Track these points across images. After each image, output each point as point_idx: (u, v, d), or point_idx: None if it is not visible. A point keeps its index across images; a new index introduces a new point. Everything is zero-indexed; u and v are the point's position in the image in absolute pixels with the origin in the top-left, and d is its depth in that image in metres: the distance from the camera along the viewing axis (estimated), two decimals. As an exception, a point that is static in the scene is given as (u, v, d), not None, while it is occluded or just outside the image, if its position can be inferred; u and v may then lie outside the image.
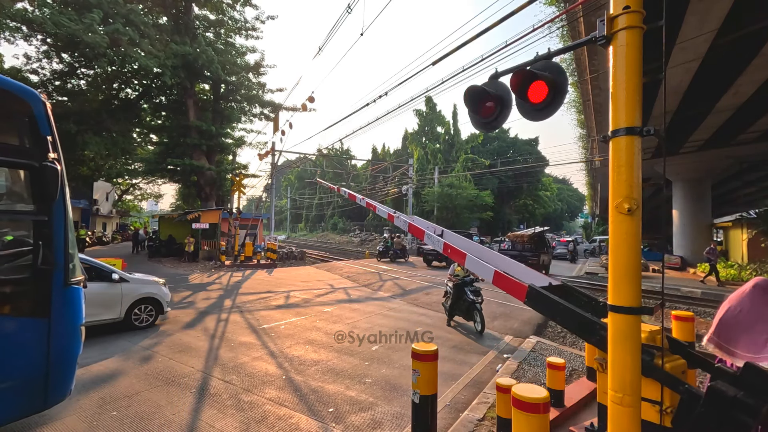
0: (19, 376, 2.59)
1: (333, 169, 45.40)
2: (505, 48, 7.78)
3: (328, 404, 3.73)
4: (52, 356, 2.71)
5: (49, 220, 2.72)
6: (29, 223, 2.77)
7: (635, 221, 1.78)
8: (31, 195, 2.75)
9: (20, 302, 2.69)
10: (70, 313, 2.87)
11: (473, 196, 30.92)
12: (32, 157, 2.68)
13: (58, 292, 2.75)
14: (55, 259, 2.72)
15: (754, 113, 13.67)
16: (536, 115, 2.34)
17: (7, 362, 2.52)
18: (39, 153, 2.71)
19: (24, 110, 2.73)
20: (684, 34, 9.14)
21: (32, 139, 2.75)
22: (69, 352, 2.88)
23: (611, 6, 1.90)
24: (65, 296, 2.80)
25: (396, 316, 7.67)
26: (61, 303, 2.77)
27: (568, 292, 3.11)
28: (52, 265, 2.70)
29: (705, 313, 9.42)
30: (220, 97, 22.06)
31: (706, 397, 1.84)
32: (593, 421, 3.04)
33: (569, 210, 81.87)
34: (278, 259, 18.47)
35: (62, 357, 2.80)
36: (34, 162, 2.67)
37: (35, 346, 2.65)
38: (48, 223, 2.71)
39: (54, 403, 2.83)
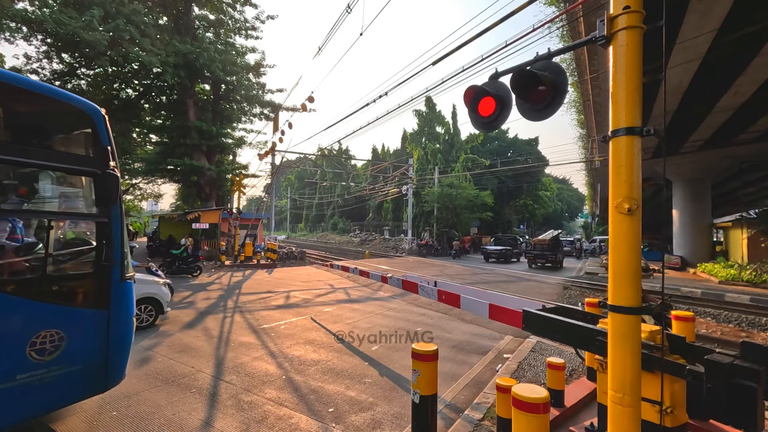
0: (85, 361, 2.91)
1: (333, 169, 45.37)
2: (505, 48, 7.78)
3: (328, 404, 3.73)
4: (111, 343, 3.04)
5: (109, 221, 3.05)
6: (88, 223, 3.13)
7: (635, 221, 1.78)
8: (94, 199, 3.09)
9: (85, 295, 3.02)
10: (126, 304, 3.21)
11: (473, 196, 30.86)
12: (95, 165, 3.01)
13: (116, 286, 3.08)
14: (114, 257, 3.05)
15: (754, 113, 13.68)
16: (536, 115, 2.34)
17: (76, 348, 2.84)
18: (101, 161, 3.02)
19: (87, 123, 3.03)
20: (684, 34, 9.15)
21: (95, 149, 3.05)
22: (125, 339, 3.23)
23: (611, 6, 1.90)
24: (121, 290, 3.14)
25: (396, 316, 7.67)
26: (119, 296, 3.10)
27: (563, 311, 3.14)
28: (111, 261, 3.03)
29: (705, 313, 9.41)
30: (220, 97, 22.05)
31: (706, 371, 1.86)
32: (593, 421, 3.04)
33: (569, 210, 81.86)
34: (278, 259, 18.47)
35: (119, 344, 3.15)
36: (97, 170, 3.00)
37: (98, 334, 2.98)
38: (108, 225, 3.04)
39: (113, 386, 3.15)
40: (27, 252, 3.18)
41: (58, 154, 3.03)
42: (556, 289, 12.67)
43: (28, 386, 2.59)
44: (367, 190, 40.96)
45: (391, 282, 5.34)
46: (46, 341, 2.68)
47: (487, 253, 24.02)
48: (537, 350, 5.54)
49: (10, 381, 2.50)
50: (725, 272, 15.29)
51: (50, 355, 2.70)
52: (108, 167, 3.04)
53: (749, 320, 8.71)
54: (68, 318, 2.84)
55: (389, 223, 44.76)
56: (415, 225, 33.19)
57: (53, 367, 2.71)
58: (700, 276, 16.94)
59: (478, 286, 12.15)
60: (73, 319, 2.86)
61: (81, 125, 3.08)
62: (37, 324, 2.66)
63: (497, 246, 24.34)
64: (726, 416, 1.82)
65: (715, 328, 8.33)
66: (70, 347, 2.80)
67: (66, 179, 3.26)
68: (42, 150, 2.95)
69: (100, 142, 3.05)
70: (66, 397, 2.89)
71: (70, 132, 3.18)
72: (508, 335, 6.43)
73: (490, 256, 23.77)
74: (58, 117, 3.08)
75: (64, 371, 2.77)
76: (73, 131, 3.15)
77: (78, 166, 3.03)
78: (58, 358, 2.73)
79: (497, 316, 3.15)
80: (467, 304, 3.61)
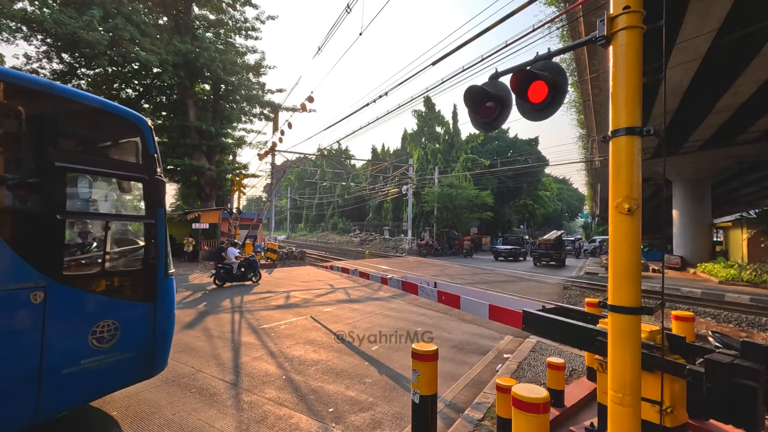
0: (136, 349, 3.21)
1: (333, 169, 45.36)
2: (505, 48, 7.78)
3: (328, 404, 3.73)
4: (157, 333, 3.34)
5: (155, 223, 3.36)
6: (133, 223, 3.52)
7: (635, 221, 1.78)
8: (143, 202, 3.40)
9: (136, 289, 3.31)
10: (168, 298, 3.49)
11: (473, 196, 30.85)
12: (144, 172, 3.33)
13: (161, 282, 3.39)
14: (159, 255, 3.36)
15: (754, 113, 13.67)
16: (536, 115, 2.34)
17: (129, 337, 3.14)
18: (149, 168, 3.34)
19: (136, 133, 3.32)
20: (684, 34, 9.15)
21: (143, 157, 3.36)
22: (168, 330, 3.51)
23: (611, 6, 1.90)
24: (165, 285, 3.44)
25: (396, 316, 7.67)
26: (163, 290, 3.41)
27: (563, 311, 3.14)
28: (157, 259, 3.34)
29: (705, 313, 9.41)
30: (220, 97, 22.05)
31: (706, 370, 1.86)
32: (593, 421, 3.04)
33: (569, 210, 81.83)
34: (278, 259, 18.47)
35: (164, 334, 3.43)
36: (146, 176, 3.32)
37: (146, 324, 3.28)
38: (154, 225, 3.35)
39: (158, 372, 3.46)
40: (90, 250, 3.56)
41: (114, 162, 3.40)
42: (556, 289, 12.67)
43: (90, 370, 2.89)
44: (367, 190, 40.96)
45: (391, 283, 5.34)
46: (105, 330, 2.98)
47: (497, 252, 25.42)
48: (537, 350, 5.54)
49: (76, 365, 2.81)
50: (725, 272, 15.29)
51: (108, 342, 3.00)
52: (155, 173, 3.38)
53: (749, 320, 8.71)
54: (122, 310, 3.15)
55: (389, 223, 44.76)
56: (415, 225, 33.19)
57: (110, 354, 3.01)
58: (700, 276, 16.93)
59: (478, 286, 12.16)
60: (125, 311, 3.18)
61: (131, 135, 3.38)
62: (97, 315, 2.98)
63: (506, 246, 25.58)
64: (726, 416, 1.82)
65: (715, 328, 8.33)
66: (123, 336, 3.09)
67: (119, 185, 3.58)
68: (100, 158, 3.36)
69: (148, 150, 3.36)
70: (120, 381, 3.17)
71: (122, 142, 3.50)
72: (508, 335, 6.43)
73: (499, 254, 25.11)
74: (111, 128, 3.41)
75: (119, 358, 3.08)
76: (125, 141, 3.48)
77: (130, 172, 3.37)
78: (114, 346, 3.03)
79: (497, 317, 3.15)
80: (467, 305, 3.61)
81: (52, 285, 2.71)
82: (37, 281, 2.64)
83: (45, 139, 2.77)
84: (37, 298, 2.63)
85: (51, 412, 2.71)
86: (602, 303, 3.33)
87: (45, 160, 2.72)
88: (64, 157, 2.85)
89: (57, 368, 2.71)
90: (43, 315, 2.66)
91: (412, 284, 4.75)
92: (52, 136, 2.82)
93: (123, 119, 3.29)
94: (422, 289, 4.50)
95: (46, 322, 2.66)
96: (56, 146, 2.83)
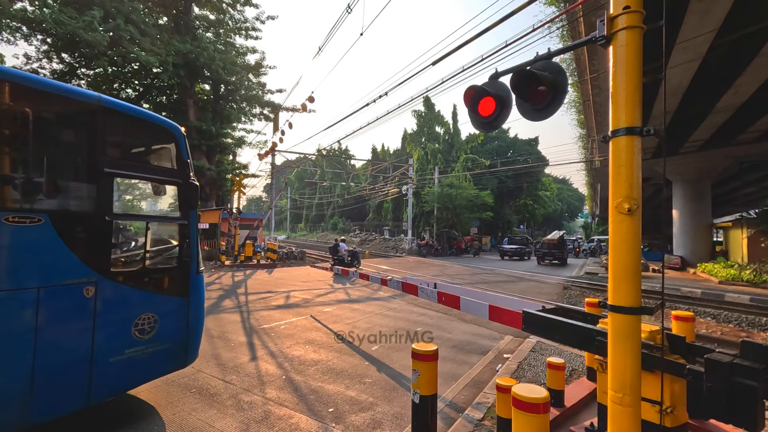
0: (172, 340, 3.46)
1: (333, 169, 45.35)
2: (505, 48, 7.79)
3: (328, 404, 3.73)
4: (190, 326, 3.59)
5: (188, 223, 3.59)
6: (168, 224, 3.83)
7: (635, 221, 1.78)
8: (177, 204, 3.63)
9: (172, 285, 3.54)
10: (200, 293, 3.74)
11: (473, 196, 30.84)
12: (179, 176, 3.57)
13: (194, 278, 3.64)
14: (192, 253, 3.60)
15: (754, 113, 13.67)
16: (536, 115, 2.33)
17: (166, 329, 3.39)
18: (183, 173, 3.59)
19: (171, 139, 3.58)
20: (684, 34, 9.15)
21: (178, 162, 3.60)
22: (199, 323, 3.76)
23: (611, 6, 1.90)
24: (197, 281, 3.69)
25: (396, 316, 7.67)
26: (195, 286, 3.65)
27: (563, 311, 3.14)
28: (190, 257, 3.59)
29: (705, 313, 9.41)
30: (220, 97, 22.04)
31: (706, 370, 1.86)
32: (593, 421, 3.04)
33: (569, 210, 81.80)
34: (278, 259, 18.46)
35: (196, 327, 3.68)
36: (180, 180, 3.57)
37: (181, 318, 3.53)
38: (187, 226, 3.58)
39: (191, 362, 3.70)
40: (131, 249, 3.89)
41: (153, 168, 3.70)
42: (556, 289, 12.67)
43: (133, 359, 3.15)
44: (367, 190, 40.95)
45: (391, 284, 5.33)
46: (145, 323, 3.23)
47: (503, 252, 26.53)
48: (537, 350, 5.54)
49: (121, 354, 3.07)
50: (725, 272, 15.29)
51: (148, 334, 3.25)
52: (189, 178, 3.61)
53: (749, 320, 8.71)
54: (160, 304, 3.40)
55: (389, 223, 44.73)
56: (415, 225, 33.18)
57: (150, 345, 3.26)
58: (700, 276, 16.94)
59: (478, 286, 12.16)
60: (163, 305, 3.42)
61: (166, 142, 3.65)
62: (139, 308, 3.22)
63: (512, 245, 26.65)
64: (726, 415, 1.82)
65: (715, 328, 8.33)
66: (161, 328, 3.35)
67: (154, 188, 3.83)
68: (141, 164, 3.67)
69: (182, 156, 3.60)
70: (158, 370, 3.44)
71: (159, 148, 3.76)
72: (508, 335, 6.43)
73: (505, 253, 26.19)
74: (149, 136, 3.67)
75: (157, 348, 3.33)
76: (161, 147, 3.74)
77: (167, 177, 3.63)
78: (153, 337, 3.28)
79: (497, 317, 3.15)
80: (467, 306, 3.61)
81: (101, 280, 2.98)
82: (89, 277, 2.91)
83: (95, 147, 3.05)
84: (89, 292, 2.91)
85: (100, 397, 2.98)
86: (602, 303, 3.33)
87: (96, 167, 3.00)
88: (112, 163, 3.12)
89: (105, 356, 2.98)
90: (94, 308, 2.94)
91: (411, 285, 4.75)
92: (101, 145, 3.08)
93: (160, 127, 3.56)
94: (422, 290, 4.50)
95: (96, 314, 2.94)
96: (104, 153, 3.10)
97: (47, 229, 2.71)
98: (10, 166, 2.90)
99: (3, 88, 2.68)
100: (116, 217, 3.29)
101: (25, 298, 2.60)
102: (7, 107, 2.74)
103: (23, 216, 2.63)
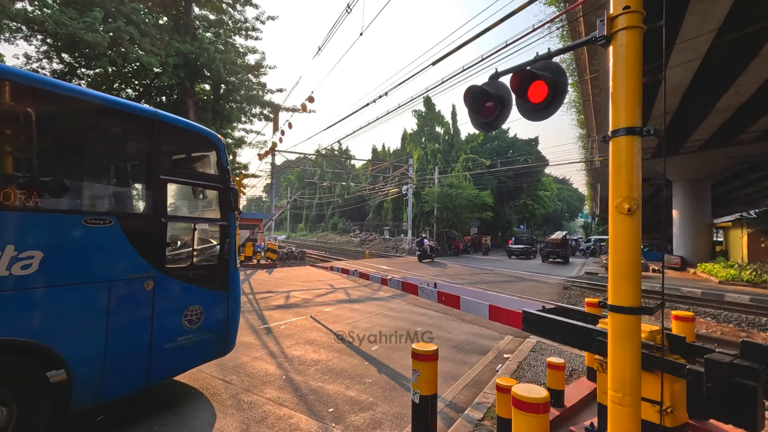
0: (215, 330, 3.79)
1: (333, 169, 45.34)
2: (505, 48, 7.79)
3: (328, 404, 3.73)
4: (229, 318, 3.93)
5: (228, 224, 3.96)
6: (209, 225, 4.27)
7: (635, 221, 1.78)
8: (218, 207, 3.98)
9: (214, 280, 3.86)
10: (237, 288, 4.08)
11: (473, 196, 30.82)
12: (220, 182, 3.95)
13: (232, 274, 3.98)
14: (230, 251, 3.92)
15: (754, 113, 13.68)
16: (536, 115, 2.34)
17: (210, 320, 3.72)
18: (223, 179, 3.97)
19: (212, 148, 3.95)
20: (684, 34, 9.15)
21: (218, 169, 3.98)
22: (237, 316, 4.09)
23: (611, 6, 1.90)
24: (235, 277, 4.03)
25: (396, 316, 7.67)
26: (233, 281, 4.00)
27: (563, 311, 3.14)
28: (229, 255, 3.92)
29: (705, 313, 9.42)
30: (220, 97, 22.03)
31: (706, 370, 1.86)
32: (593, 421, 3.04)
33: (569, 210, 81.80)
34: (278, 259, 18.46)
35: (234, 319, 4.02)
36: (221, 185, 3.95)
37: (222, 310, 3.87)
38: (227, 227, 3.94)
39: (229, 351, 4.06)
40: (181, 247, 4.27)
41: (199, 174, 4.07)
42: (556, 289, 12.68)
43: (183, 347, 3.48)
44: (367, 190, 40.94)
45: (391, 284, 5.34)
46: (193, 314, 3.57)
47: (511, 251, 27.95)
48: (537, 350, 5.54)
49: (174, 342, 3.41)
50: (725, 272, 15.29)
51: (195, 324, 3.58)
52: (228, 182, 3.98)
53: (749, 320, 8.71)
54: (205, 297, 3.73)
55: (389, 223, 44.73)
56: (415, 225, 33.18)
57: (197, 334, 3.59)
58: (700, 276, 16.94)
59: (478, 286, 12.16)
60: (208, 298, 3.75)
61: (208, 150, 4.00)
62: (188, 300, 3.55)
63: (518, 245, 28.18)
64: (726, 415, 1.82)
65: (715, 328, 8.33)
66: (206, 319, 3.68)
67: (195, 192, 4.19)
68: (188, 171, 4.04)
69: (222, 163, 3.97)
70: (203, 357, 3.78)
71: (202, 156, 4.12)
72: (508, 335, 6.43)
73: (512, 253, 27.61)
74: (194, 145, 4.03)
75: (203, 337, 3.66)
76: (204, 155, 4.10)
77: (210, 182, 3.98)
78: (200, 327, 3.61)
79: (497, 317, 3.16)
80: (467, 306, 3.62)
81: (158, 275, 3.31)
82: (149, 272, 3.25)
83: (152, 157, 3.43)
84: (149, 285, 3.25)
85: (156, 379, 3.33)
86: (602, 303, 3.33)
87: (153, 174, 3.37)
88: (166, 171, 3.50)
89: (161, 343, 3.31)
90: (152, 299, 3.26)
91: (412, 285, 4.76)
92: (157, 154, 3.45)
93: (203, 137, 3.92)
94: (422, 290, 4.51)
95: (154, 306, 3.27)
96: (160, 162, 3.46)
97: (116, 229, 3.05)
98: (88, 174, 3.46)
99: (89, 110, 3.09)
100: (170, 219, 3.60)
101: (99, 290, 2.95)
102: (89, 125, 3.22)
103: (98, 218, 2.99)
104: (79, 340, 2.82)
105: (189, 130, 3.83)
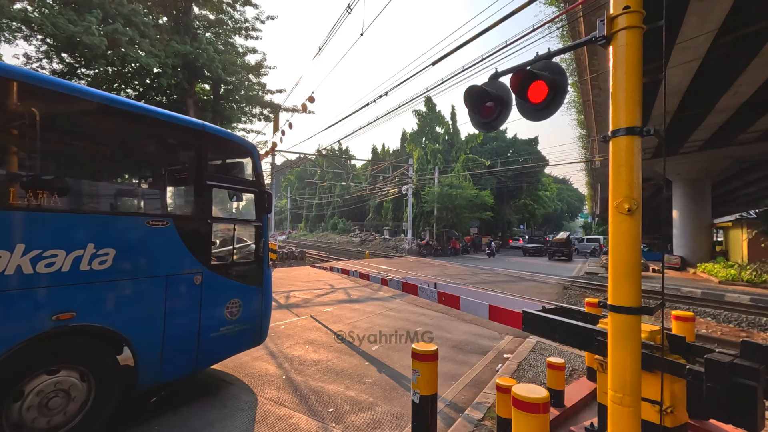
0: (251, 322, 4.15)
1: (333, 169, 45.33)
2: (505, 48, 7.79)
3: (328, 404, 3.73)
4: (263, 311, 4.29)
5: (262, 225, 4.31)
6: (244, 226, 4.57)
7: (635, 221, 1.78)
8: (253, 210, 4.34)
9: (251, 276, 4.20)
10: (269, 284, 4.44)
11: (473, 196, 30.83)
12: (255, 186, 4.31)
13: (266, 271, 4.34)
14: (264, 250, 4.31)
15: (754, 113, 13.67)
16: (536, 115, 2.34)
17: (247, 313, 4.08)
18: (258, 183, 4.33)
19: (247, 155, 4.33)
20: (684, 34, 9.15)
21: (253, 174, 4.35)
22: (269, 309, 4.46)
23: (611, 6, 1.90)
24: (268, 273, 4.39)
25: (396, 316, 7.67)
26: (267, 278, 4.36)
27: (563, 311, 3.14)
28: (263, 254, 4.29)
29: (705, 313, 9.42)
30: (220, 98, 22.02)
31: (706, 370, 1.86)
32: (593, 421, 3.04)
33: (569, 210, 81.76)
34: (278, 259, 18.47)
35: (267, 312, 4.38)
36: (256, 189, 4.30)
37: (257, 304, 4.21)
38: (261, 228, 4.30)
39: (262, 341, 4.39)
40: (222, 245, 4.57)
41: (238, 179, 4.41)
42: (556, 289, 12.68)
43: (224, 336, 3.84)
44: (367, 190, 40.93)
45: (391, 284, 5.35)
46: (234, 306, 3.92)
47: (525, 250, 31.75)
48: (537, 350, 5.54)
49: (217, 331, 3.77)
50: (725, 272, 15.29)
51: (235, 316, 3.93)
52: (263, 186, 4.35)
53: (749, 320, 8.72)
54: (243, 291, 4.07)
55: (389, 223, 44.69)
56: (415, 225, 33.18)
57: (236, 325, 3.95)
58: (700, 276, 16.94)
59: (479, 286, 12.16)
60: (245, 292, 4.09)
61: (244, 157, 4.38)
62: (229, 294, 3.91)
63: (533, 244, 32.40)
64: (726, 415, 1.82)
65: (715, 328, 8.33)
66: (244, 312, 4.03)
67: (231, 195, 4.56)
68: (229, 176, 4.36)
69: (256, 169, 4.34)
70: (241, 346, 4.15)
71: (239, 163, 4.48)
72: (508, 335, 6.43)
73: (527, 251, 31.34)
74: (232, 152, 4.38)
75: (241, 328, 4.02)
76: (240, 162, 4.47)
77: (247, 187, 4.36)
78: (238, 319, 3.97)
79: (497, 318, 3.16)
80: (467, 306, 3.62)
81: (205, 271, 3.66)
82: (198, 268, 3.60)
83: (200, 164, 3.78)
84: (197, 280, 3.60)
85: (203, 365, 3.73)
86: (602, 303, 3.33)
87: (201, 179, 3.71)
88: (211, 176, 3.84)
89: (207, 332, 3.67)
90: (200, 293, 3.62)
91: (412, 285, 4.76)
92: (203, 161, 3.81)
93: (240, 145, 4.28)
94: (422, 290, 4.52)
95: (202, 298, 3.62)
96: (206, 168, 3.81)
97: (171, 229, 3.41)
98: (150, 180, 4.00)
99: (152, 124, 3.50)
100: (215, 220, 3.93)
101: (159, 284, 3.31)
102: (150, 137, 3.72)
103: (157, 219, 3.36)
104: (144, 328, 3.20)
105: (229, 140, 4.21)
